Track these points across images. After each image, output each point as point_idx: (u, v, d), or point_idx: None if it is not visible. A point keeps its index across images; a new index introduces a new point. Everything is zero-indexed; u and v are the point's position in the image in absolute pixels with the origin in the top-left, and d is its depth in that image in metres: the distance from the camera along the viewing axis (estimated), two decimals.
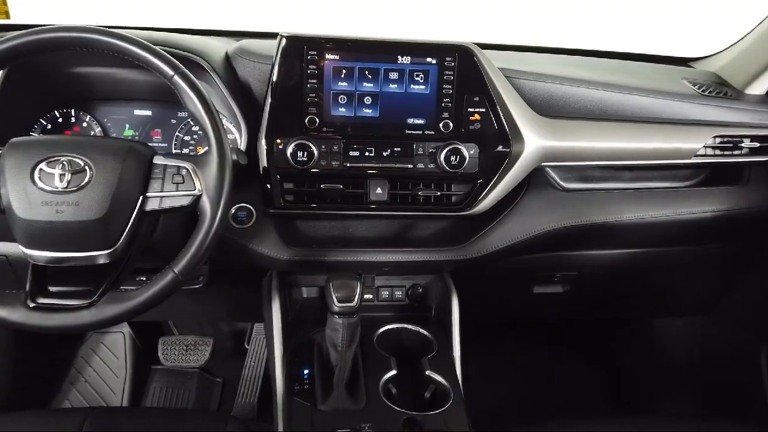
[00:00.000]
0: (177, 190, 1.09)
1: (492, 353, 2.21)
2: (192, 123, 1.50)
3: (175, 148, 1.46)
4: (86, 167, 1.02)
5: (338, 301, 1.22)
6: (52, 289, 1.10)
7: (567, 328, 2.37)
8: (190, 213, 1.11)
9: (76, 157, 1.04)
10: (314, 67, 1.31)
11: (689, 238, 1.65)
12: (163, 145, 1.47)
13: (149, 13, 1.83)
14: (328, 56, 1.32)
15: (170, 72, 1.10)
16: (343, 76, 1.30)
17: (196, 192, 1.10)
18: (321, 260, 1.42)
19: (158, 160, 1.12)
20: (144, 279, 1.35)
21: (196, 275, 1.48)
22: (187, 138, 1.48)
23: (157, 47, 1.12)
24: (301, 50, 1.31)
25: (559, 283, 1.77)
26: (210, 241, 1.08)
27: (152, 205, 1.09)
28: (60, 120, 1.43)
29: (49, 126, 1.43)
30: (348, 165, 1.32)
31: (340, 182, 1.33)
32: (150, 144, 1.47)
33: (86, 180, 1.02)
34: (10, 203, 1.02)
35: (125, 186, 1.04)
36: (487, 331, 2.14)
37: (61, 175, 1.02)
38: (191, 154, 1.48)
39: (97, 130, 1.47)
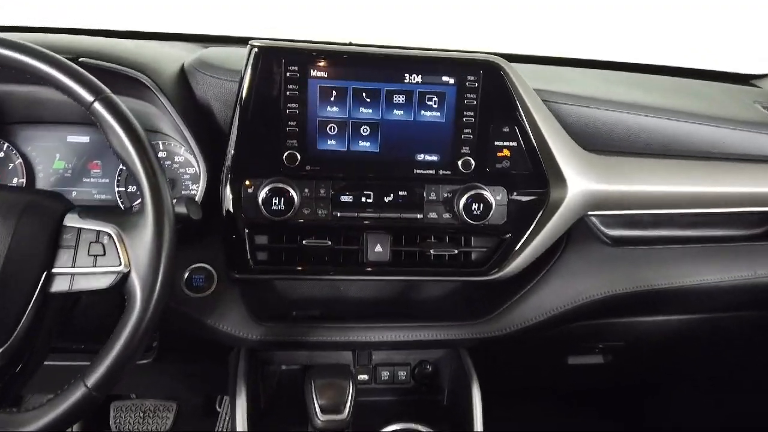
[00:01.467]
0: (94, 266, 0.80)
1: (512, 419, 1.87)
2: None
3: (118, 186, 1.15)
4: None
5: (322, 410, 0.90)
6: None
7: (600, 392, 2.03)
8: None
9: None
10: (295, 87, 1.01)
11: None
12: (103, 180, 1.17)
13: (116, 12, 1.50)
14: (314, 73, 1.02)
15: (88, 97, 0.80)
16: (333, 99, 1.03)
17: (120, 269, 0.79)
18: (301, 340, 1.10)
19: (71, 220, 0.82)
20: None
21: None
22: None
23: (72, 64, 0.81)
24: (277, 64, 1.00)
25: (600, 353, 1.45)
26: (139, 340, 0.77)
27: (60, 285, 0.80)
28: None
29: None
30: (339, 215, 1.05)
31: (329, 237, 1.06)
32: (86, 180, 1.16)
33: None
34: None
35: (20, 258, 0.78)
36: (507, 394, 1.80)
37: None
38: (126, 207, 1.16)
39: (17, 162, 1.15)
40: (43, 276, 0.79)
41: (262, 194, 1.01)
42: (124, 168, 1.14)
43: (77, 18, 1.38)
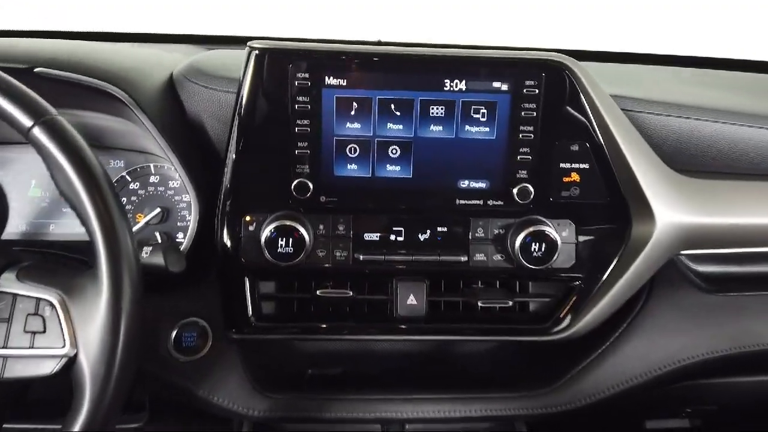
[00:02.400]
0: (32, 346, 0.59)
1: None
2: (129, 178, 0.99)
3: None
4: None
5: None
6: None
7: None
8: None
9: None
10: (306, 98, 0.82)
11: None
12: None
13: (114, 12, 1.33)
14: (329, 80, 0.82)
15: (25, 122, 0.61)
16: (353, 112, 0.84)
17: (65, 351, 0.60)
18: (316, 416, 0.88)
19: (6, 283, 0.65)
20: None
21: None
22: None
23: (6, 78, 0.62)
24: (283, 70, 0.81)
25: (687, 417, 1.19)
26: None
27: None
28: None
29: None
30: (362, 258, 0.87)
31: (350, 285, 0.89)
32: (66, 211, 1.00)
33: None
34: None
35: None
36: None
37: None
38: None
39: None
40: None
41: (266, 233, 0.82)
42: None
43: (67, 19, 1.21)
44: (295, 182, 0.83)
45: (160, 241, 0.95)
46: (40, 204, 1.00)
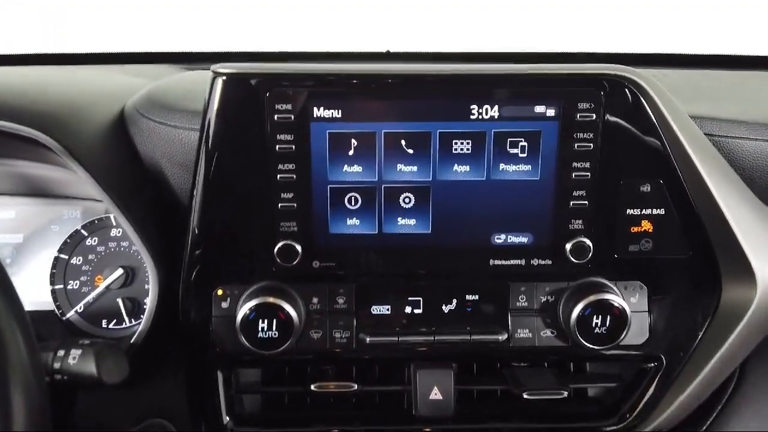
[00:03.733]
0: None
1: None
2: (85, 233, 0.82)
3: (54, 282, 0.82)
4: None
5: None
6: None
7: None
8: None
9: None
10: (289, 136, 0.64)
11: None
12: (35, 273, 0.82)
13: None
14: (319, 111, 0.63)
15: None
16: (352, 152, 0.66)
17: None
18: None
19: None
20: None
21: None
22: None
23: None
24: (258, 101, 0.62)
25: None
26: None
27: None
28: None
29: None
30: (369, 340, 0.69)
31: (354, 375, 0.72)
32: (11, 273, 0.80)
33: None
34: None
35: None
36: None
37: None
38: None
39: None
40: None
41: (242, 313, 0.63)
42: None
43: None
44: (280, 245, 0.65)
45: (126, 317, 0.77)
46: None
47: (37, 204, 0.86)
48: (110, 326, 0.81)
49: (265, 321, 0.64)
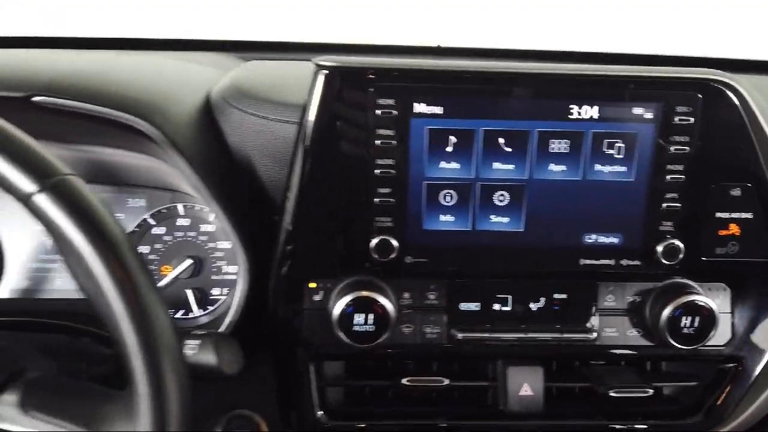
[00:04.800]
0: None
1: None
2: (153, 222, 0.81)
3: None
4: None
5: None
6: None
7: None
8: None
9: None
10: (390, 131, 0.63)
11: None
12: None
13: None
14: (420, 107, 0.63)
15: (24, 187, 0.43)
16: (451, 149, 0.65)
17: None
18: None
19: (4, 420, 0.47)
20: None
21: None
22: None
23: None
24: (361, 95, 0.62)
25: None
26: None
27: None
28: None
29: None
30: (461, 336, 0.69)
31: (445, 370, 0.72)
32: None
33: None
34: None
35: None
36: None
37: None
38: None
39: None
40: None
41: (340, 306, 0.63)
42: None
43: (66, 21, 1.00)
44: (377, 240, 0.64)
45: (195, 306, 0.77)
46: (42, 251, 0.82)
47: (104, 191, 0.86)
48: (175, 316, 0.81)
49: (362, 315, 0.64)
